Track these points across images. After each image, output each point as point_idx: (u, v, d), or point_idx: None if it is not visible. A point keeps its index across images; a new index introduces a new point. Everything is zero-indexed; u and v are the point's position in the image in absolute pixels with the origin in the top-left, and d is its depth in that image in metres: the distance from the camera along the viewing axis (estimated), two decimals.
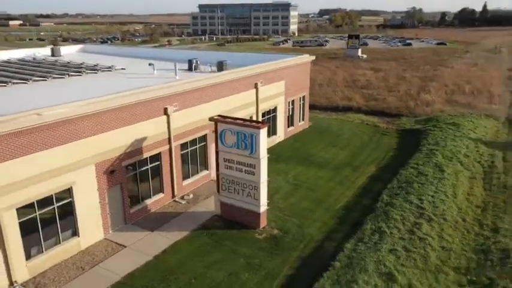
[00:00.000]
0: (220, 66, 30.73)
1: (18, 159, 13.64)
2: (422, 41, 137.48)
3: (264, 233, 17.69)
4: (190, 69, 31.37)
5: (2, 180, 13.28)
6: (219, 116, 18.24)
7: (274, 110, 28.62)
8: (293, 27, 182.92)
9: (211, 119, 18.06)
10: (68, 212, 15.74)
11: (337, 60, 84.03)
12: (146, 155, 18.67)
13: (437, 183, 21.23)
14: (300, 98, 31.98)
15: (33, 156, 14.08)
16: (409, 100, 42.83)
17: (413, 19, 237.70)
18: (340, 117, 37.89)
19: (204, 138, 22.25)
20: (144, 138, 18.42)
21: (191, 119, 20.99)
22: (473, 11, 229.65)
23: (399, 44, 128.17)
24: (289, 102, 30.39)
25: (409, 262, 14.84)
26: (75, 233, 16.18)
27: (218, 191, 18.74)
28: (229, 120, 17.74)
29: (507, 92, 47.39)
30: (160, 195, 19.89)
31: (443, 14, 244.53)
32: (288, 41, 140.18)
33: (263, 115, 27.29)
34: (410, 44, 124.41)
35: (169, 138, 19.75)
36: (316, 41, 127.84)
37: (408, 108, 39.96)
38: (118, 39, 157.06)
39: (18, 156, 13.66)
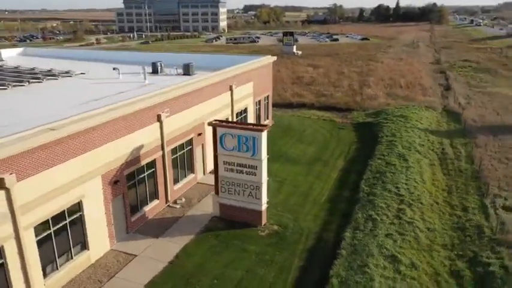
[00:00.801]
0: (187, 69, 30.96)
1: (36, 176, 13.29)
2: (347, 36, 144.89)
3: (266, 229, 18.69)
4: (154, 72, 31.19)
5: (23, 198, 12.89)
6: (217, 120, 18.84)
7: (245, 110, 29.53)
8: (223, 23, 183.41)
9: (210, 123, 18.61)
10: (77, 226, 15.51)
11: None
12: (143, 162, 18.72)
13: (406, 172, 23.65)
14: (265, 97, 33.20)
15: (49, 172, 13.77)
16: (355, 95, 45.99)
17: (335, 15, 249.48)
18: (296, 114, 39.71)
19: (190, 142, 22.60)
20: (142, 146, 18.47)
21: (180, 124, 21.27)
22: (387, 8, 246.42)
23: (327, 39, 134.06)
24: (256, 102, 31.46)
25: (405, 244, 16.75)
26: (85, 247, 15.97)
27: (217, 193, 19.36)
28: (229, 124, 18.46)
29: (436, 85, 52.57)
30: (156, 202, 20.01)
31: (362, 10, 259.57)
32: (221, 38, 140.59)
33: (236, 116, 28.08)
34: (337, 40, 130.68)
35: (162, 145, 19.90)
36: (249, 37, 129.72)
37: (356, 102, 42.93)
38: (37, 38, 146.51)
39: (36, 173, 13.32)
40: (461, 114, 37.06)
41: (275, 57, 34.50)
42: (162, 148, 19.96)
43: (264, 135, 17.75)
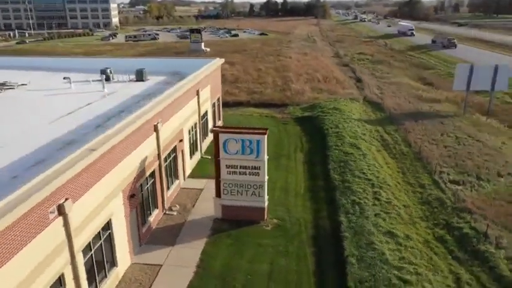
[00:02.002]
0: (140, 75, 30.62)
1: (81, 198, 13.14)
2: (245, 32, 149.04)
3: (269, 224, 20.26)
4: (105, 79, 30.24)
5: (74, 222, 12.72)
6: (218, 127, 19.75)
7: (206, 113, 30.32)
8: (114, 19, 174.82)
9: (212, 130, 19.44)
10: (108, 244, 15.44)
11: (184, 54, 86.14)
12: (147, 173, 18.88)
13: (364, 159, 27.01)
14: (218, 99, 34.21)
15: (89, 193, 13.66)
16: (284, 91, 49.10)
17: (227, 10, 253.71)
18: (237, 113, 41.28)
19: (174, 149, 22.97)
20: (146, 158, 18.61)
21: (169, 132, 21.60)
22: (276, 3, 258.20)
23: (227, 35, 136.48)
24: (212, 105, 32.37)
25: (393, 220, 19.77)
26: (114, 264, 15.92)
27: (219, 195, 20.32)
28: (232, 130, 19.53)
29: (347, 77, 58.32)
30: (156, 211, 20.23)
31: (251, 5, 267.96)
32: (117, 36, 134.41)
33: (201, 119, 28.80)
34: (237, 35, 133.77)
35: (159, 154, 20.15)
36: (149, 34, 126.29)
37: (288, 98, 45.98)
38: None
39: (81, 195, 13.16)
40: (381, 103, 42.32)
41: (223, 60, 35.58)
42: (159, 157, 20.21)
43: (266, 138, 19.25)
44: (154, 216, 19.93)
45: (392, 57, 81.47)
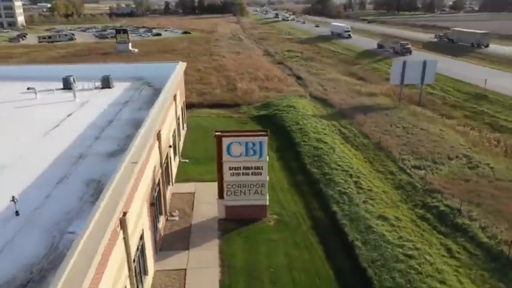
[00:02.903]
0: (107, 82, 29.97)
1: (131, 209, 13.40)
2: (166, 31, 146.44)
3: (270, 220, 21.55)
4: (68, 88, 29.15)
5: (129, 232, 12.97)
6: (221, 131, 20.48)
7: (179, 118, 30.51)
8: (20, 18, 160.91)
9: (215, 135, 20.15)
10: (143, 254, 15.66)
11: (112, 56, 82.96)
12: (156, 181, 19.10)
13: (334, 152, 29.34)
14: (183, 102, 34.37)
15: (135, 202, 13.90)
16: (233, 90, 50.20)
17: (141, 7, 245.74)
18: (194, 114, 41.56)
19: (167, 155, 23.16)
20: (155, 166, 18.85)
21: (165, 139, 21.83)
22: (192, 0, 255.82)
23: (149, 34, 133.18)
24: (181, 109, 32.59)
25: (380, 205, 22.18)
26: (146, 273, 16.15)
27: (222, 197, 21.12)
28: (235, 133, 20.44)
29: (286, 75, 60.99)
30: (162, 218, 20.46)
31: (167, 3, 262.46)
32: (26, 36, 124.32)
33: (177, 124, 29.00)
34: (160, 34, 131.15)
35: (161, 161, 20.39)
36: (66, 35, 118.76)
37: (238, 97, 47.15)
38: None
39: (131, 205, 13.41)
40: (328, 99, 45.40)
41: (185, 63, 35.72)
42: (161, 165, 20.46)
43: (267, 138, 20.47)
44: (161, 223, 20.18)
45: (319, 54, 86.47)
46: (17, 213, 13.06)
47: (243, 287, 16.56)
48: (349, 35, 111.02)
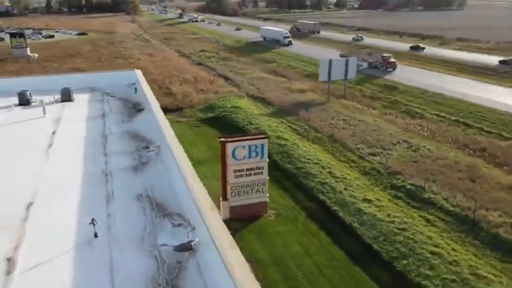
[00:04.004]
0: (68, 95, 28.63)
1: None
2: (58, 32, 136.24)
3: (271, 215, 23.39)
4: (24, 103, 27.35)
5: None
6: (225, 137, 21.62)
7: None
8: None
9: (221, 141, 21.26)
10: None
11: (10, 62, 75.52)
12: None
13: (298, 147, 32.01)
14: None
15: None
16: (169, 94, 50.09)
17: (19, 6, 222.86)
18: None
19: None
20: None
21: None
22: None
23: (40, 36, 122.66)
24: None
25: (359, 190, 25.36)
26: None
27: (226, 198, 22.33)
28: (238, 138, 21.76)
29: (214, 76, 62.27)
30: None
31: (49, 1, 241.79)
32: None
33: None
34: (53, 36, 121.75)
35: None
36: None
37: (179, 101, 47.34)
38: None
39: None
40: (266, 98, 48.08)
41: (139, 70, 35.10)
42: None
43: (267, 141, 22.22)
44: None
45: (233, 53, 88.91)
46: (95, 235, 13.23)
47: (277, 277, 18.27)
48: (290, 41, 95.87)
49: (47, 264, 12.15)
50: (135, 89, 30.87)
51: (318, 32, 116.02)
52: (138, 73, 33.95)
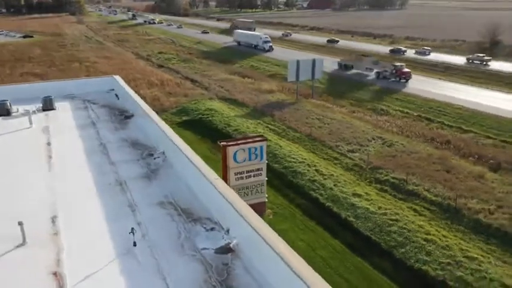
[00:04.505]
0: (50, 104, 27.83)
1: None
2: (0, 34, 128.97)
3: (269, 214, 24.22)
4: (4, 114, 26.35)
5: None
6: (226, 141, 22.13)
7: None
8: None
9: (223, 145, 21.76)
10: None
11: None
12: None
13: (281, 147, 33.00)
14: None
15: None
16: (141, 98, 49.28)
17: None
18: None
19: None
20: None
21: None
22: None
23: None
24: None
25: (348, 185, 26.76)
26: None
27: None
28: (239, 142, 22.33)
29: (180, 79, 61.92)
30: None
31: None
32: None
33: None
34: None
35: None
36: None
37: (151, 105, 46.48)
38: None
39: None
40: (238, 100, 48.72)
41: (118, 76, 34.50)
42: None
43: (266, 143, 23.01)
44: None
45: (192, 54, 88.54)
46: (134, 243, 13.43)
47: None
48: (271, 46, 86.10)
49: (95, 276, 12.26)
50: (116, 95, 30.55)
51: (254, 30, 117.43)
52: (118, 79, 33.51)
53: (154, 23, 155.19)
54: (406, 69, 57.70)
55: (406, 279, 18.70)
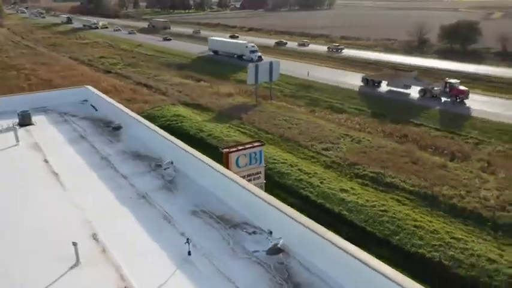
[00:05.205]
0: (28, 118, 26.64)
1: None
2: None
3: None
4: None
5: None
6: (228, 147, 22.82)
7: None
8: None
9: (225, 151, 22.45)
10: None
11: None
12: None
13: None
14: None
15: None
16: None
17: None
18: None
19: None
20: None
21: None
22: None
23: None
24: None
25: (333, 181, 28.59)
26: None
27: None
28: (240, 148, 23.14)
29: (133, 84, 60.55)
30: None
31: None
32: None
33: None
34: None
35: None
36: None
37: None
38: None
39: None
40: (201, 104, 49.01)
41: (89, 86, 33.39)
42: None
43: (263, 147, 24.07)
44: None
45: (134, 58, 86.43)
46: (189, 253, 13.93)
47: None
48: (260, 57, 75.94)
49: (165, 286, 12.67)
50: (93, 106, 30.01)
51: (169, 28, 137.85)
52: (91, 89, 32.67)
53: (96, 27, 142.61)
54: (462, 87, 49.47)
55: (406, 263, 20.76)
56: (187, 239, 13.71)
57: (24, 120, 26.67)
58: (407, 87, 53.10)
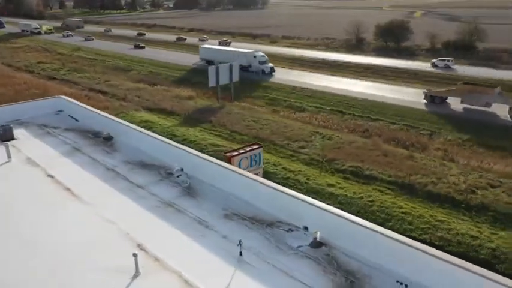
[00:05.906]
0: (10, 133, 25.42)
1: None
2: None
3: None
4: None
5: None
6: (231, 152, 23.56)
7: None
8: None
9: (228, 156, 23.21)
10: None
11: None
12: None
13: None
14: None
15: None
16: None
17: None
18: None
19: None
20: None
21: None
22: None
23: None
24: None
25: (318, 178, 30.33)
26: None
27: None
28: (241, 152, 24.03)
29: (86, 91, 58.17)
30: None
31: None
32: None
33: None
34: None
35: None
36: None
37: None
38: None
39: None
40: (165, 108, 48.63)
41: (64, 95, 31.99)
42: None
43: (262, 149, 25.15)
44: None
45: (76, 62, 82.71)
46: (240, 253, 14.69)
47: None
48: (272, 68, 66.81)
49: (232, 285, 13.36)
50: (72, 116, 29.35)
51: (82, 27, 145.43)
52: (65, 98, 31.62)
53: (39, 33, 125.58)
54: None
55: None
56: (240, 241, 14.42)
57: (6, 135, 25.46)
58: (489, 105, 45.11)
